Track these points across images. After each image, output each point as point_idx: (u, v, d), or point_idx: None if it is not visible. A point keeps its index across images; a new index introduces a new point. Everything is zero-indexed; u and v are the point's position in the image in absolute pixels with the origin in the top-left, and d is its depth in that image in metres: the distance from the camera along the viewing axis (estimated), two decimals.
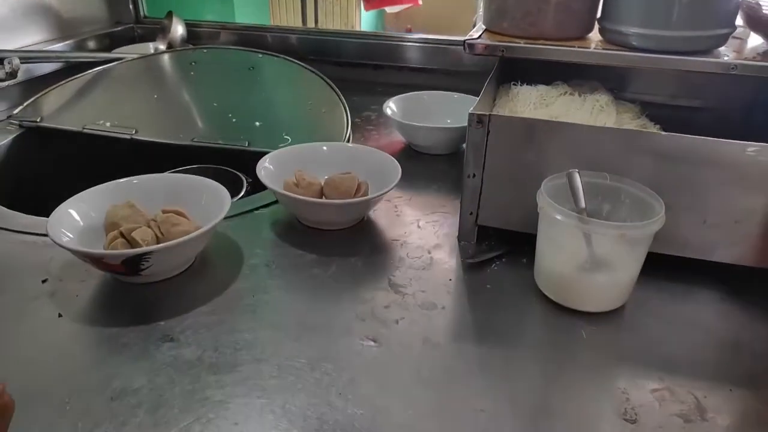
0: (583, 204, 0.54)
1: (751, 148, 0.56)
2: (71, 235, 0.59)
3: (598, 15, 0.77)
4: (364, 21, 2.77)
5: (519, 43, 0.75)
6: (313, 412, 0.46)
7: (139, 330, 0.54)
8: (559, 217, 0.54)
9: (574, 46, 0.74)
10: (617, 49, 0.72)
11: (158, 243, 0.59)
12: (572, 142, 0.62)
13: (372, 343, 0.53)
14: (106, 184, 0.66)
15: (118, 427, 0.44)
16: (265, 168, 0.73)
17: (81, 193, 0.64)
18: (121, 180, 0.67)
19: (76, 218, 0.62)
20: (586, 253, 0.54)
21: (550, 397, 0.48)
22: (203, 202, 0.64)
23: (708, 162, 0.58)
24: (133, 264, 0.55)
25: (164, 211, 0.62)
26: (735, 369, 0.51)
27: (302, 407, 0.46)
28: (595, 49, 0.73)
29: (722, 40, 0.72)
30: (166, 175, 0.68)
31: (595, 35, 0.78)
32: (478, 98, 0.68)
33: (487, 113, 0.62)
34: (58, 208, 0.61)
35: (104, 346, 0.52)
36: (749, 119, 0.95)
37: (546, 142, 0.62)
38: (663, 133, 0.65)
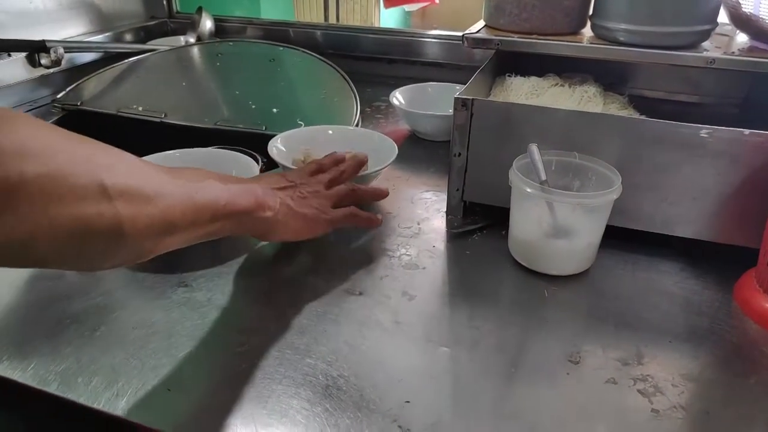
0: (543, 176, 0.61)
1: (704, 130, 0.62)
2: None
3: (590, 12, 0.83)
4: (391, 21, 2.84)
5: (513, 37, 0.82)
6: (301, 341, 0.54)
7: (160, 277, 0.63)
8: (526, 189, 0.61)
9: (565, 41, 0.80)
10: (604, 43, 0.78)
11: None
12: (545, 124, 0.68)
13: (357, 293, 0.61)
14: (155, 154, 0.76)
15: (137, 349, 0.53)
16: (276, 146, 0.81)
17: None
18: (168, 152, 0.77)
19: None
20: (550, 221, 0.61)
21: (506, 340, 0.55)
22: (234, 173, 0.73)
23: (667, 144, 0.64)
24: None
25: None
26: (679, 325, 0.57)
27: (290, 337, 0.54)
28: (582, 43, 0.79)
29: (704, 36, 0.77)
30: (205, 149, 0.78)
31: (587, 31, 0.84)
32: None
33: (471, 98, 0.69)
34: None
35: (130, 288, 0.61)
36: (744, 115, 1.00)
37: (522, 124, 0.68)
38: (625, 116, 0.71)
